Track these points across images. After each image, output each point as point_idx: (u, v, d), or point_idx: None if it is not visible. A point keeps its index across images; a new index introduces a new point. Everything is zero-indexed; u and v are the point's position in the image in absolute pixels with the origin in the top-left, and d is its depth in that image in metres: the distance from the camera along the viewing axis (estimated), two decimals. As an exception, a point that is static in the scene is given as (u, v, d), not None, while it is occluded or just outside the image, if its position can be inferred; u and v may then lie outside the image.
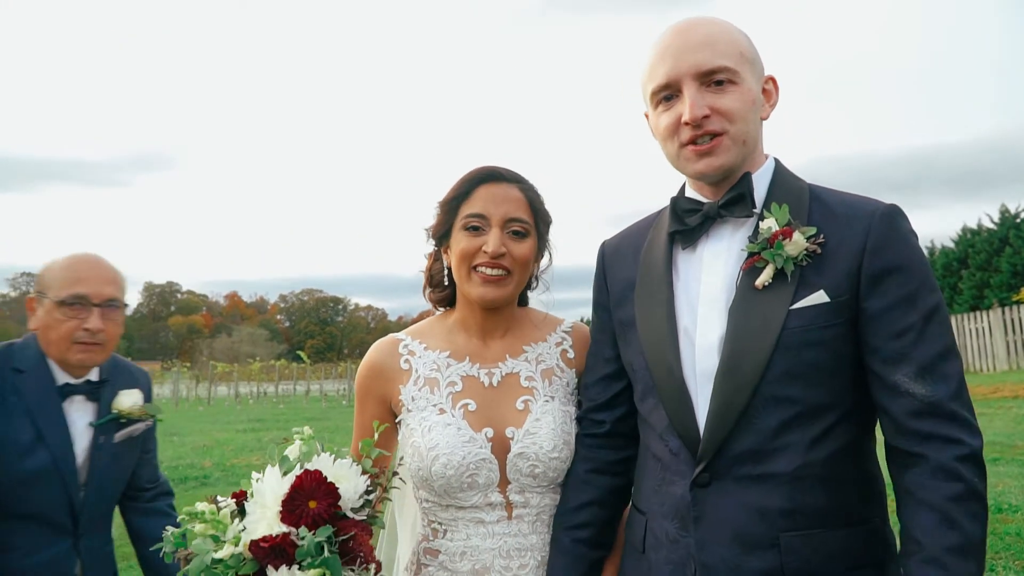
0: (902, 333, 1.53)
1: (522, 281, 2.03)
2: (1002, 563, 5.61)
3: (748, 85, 1.67)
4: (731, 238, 1.70)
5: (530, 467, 1.90)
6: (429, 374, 2.00)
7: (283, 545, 1.53)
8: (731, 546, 1.56)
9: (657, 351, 1.70)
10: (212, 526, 1.63)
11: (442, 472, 1.87)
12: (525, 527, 1.92)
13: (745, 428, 1.57)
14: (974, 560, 1.42)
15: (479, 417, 1.94)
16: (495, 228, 1.95)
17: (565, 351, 2.08)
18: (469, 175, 2.03)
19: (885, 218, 1.58)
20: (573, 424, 1.97)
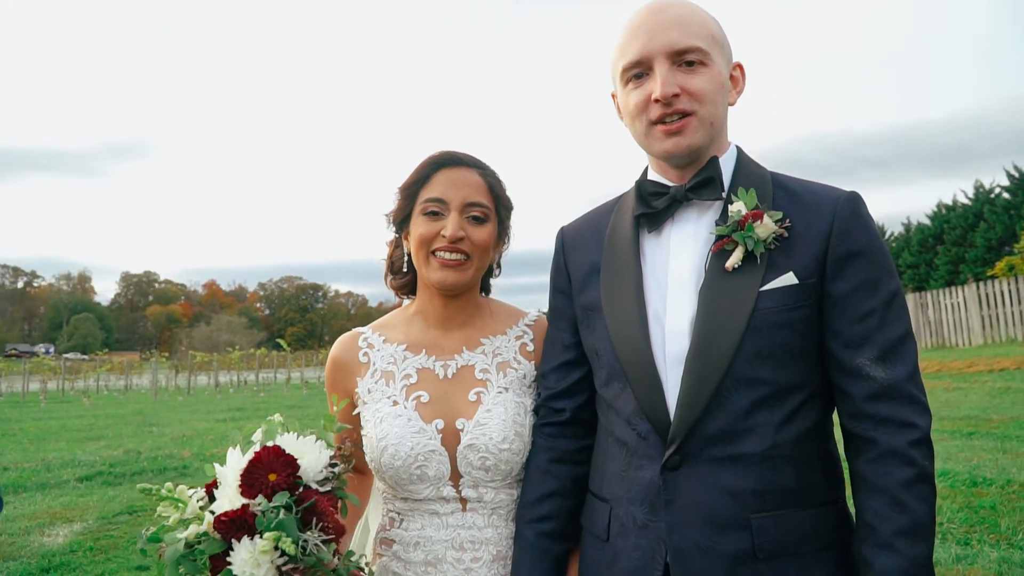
0: (864, 316, 1.56)
1: (482, 266, 2.01)
2: (977, 536, 5.68)
3: (718, 68, 1.68)
4: (697, 222, 1.70)
5: (480, 459, 1.88)
6: (386, 367, 2.00)
7: (243, 517, 1.52)
8: (703, 528, 1.56)
9: (626, 335, 1.69)
10: (171, 503, 1.61)
11: (390, 463, 1.87)
12: (480, 520, 1.90)
13: (716, 409, 1.57)
14: (924, 542, 1.47)
15: (431, 409, 1.93)
16: (454, 212, 1.94)
17: (525, 344, 2.05)
18: (428, 160, 2.01)
19: (849, 204, 1.61)
20: (528, 416, 1.94)
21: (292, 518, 1.53)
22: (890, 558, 1.46)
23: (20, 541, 7.02)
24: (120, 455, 12.30)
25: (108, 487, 9.70)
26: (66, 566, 6.18)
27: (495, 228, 2.01)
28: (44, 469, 11.21)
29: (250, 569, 1.49)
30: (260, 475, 1.57)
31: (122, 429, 16.97)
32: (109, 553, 6.51)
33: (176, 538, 1.55)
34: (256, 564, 1.50)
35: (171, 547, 1.54)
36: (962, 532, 5.77)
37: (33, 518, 7.97)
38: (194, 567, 1.54)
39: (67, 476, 10.48)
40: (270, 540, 1.49)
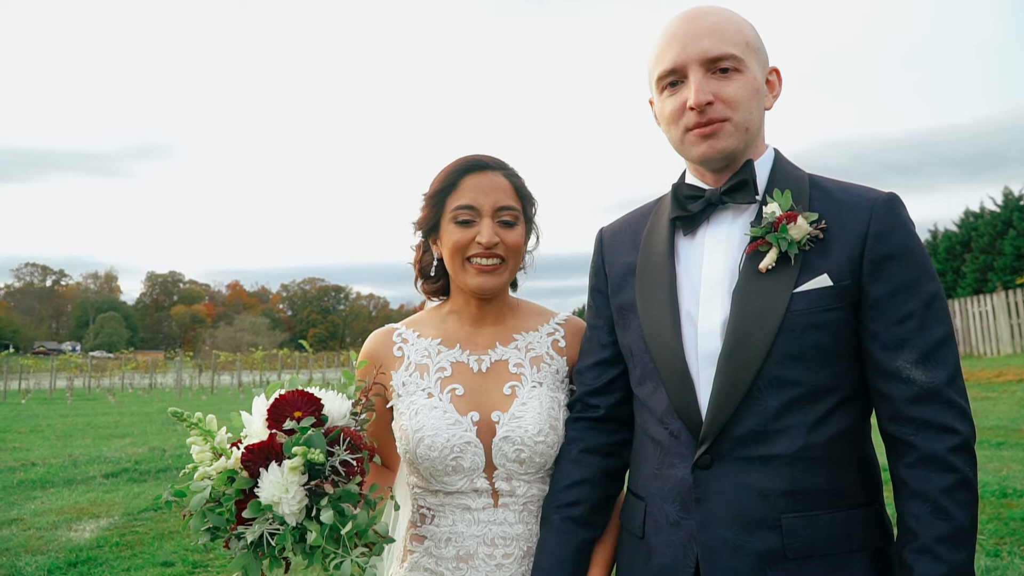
0: (904, 319, 1.55)
1: (516, 267, 2.05)
2: (1007, 548, 5.60)
3: (753, 74, 1.69)
4: (732, 224, 1.71)
5: (515, 451, 1.90)
6: (420, 360, 2.03)
7: (271, 445, 1.56)
8: (733, 527, 1.56)
9: (659, 334, 1.70)
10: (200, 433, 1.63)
11: (426, 454, 1.89)
12: (511, 516, 1.92)
13: (747, 409, 1.57)
14: (965, 548, 1.47)
15: (466, 401, 1.95)
16: (486, 218, 1.96)
17: (556, 340, 2.09)
18: (453, 166, 2.02)
19: (886, 205, 1.60)
20: (561, 410, 1.97)
21: (319, 433, 1.57)
22: (930, 564, 1.46)
23: (47, 536, 7.10)
24: (145, 452, 12.44)
25: (134, 484, 9.80)
26: (92, 561, 6.24)
27: (524, 228, 2.04)
28: (71, 465, 11.35)
29: (279, 493, 1.51)
30: (286, 410, 1.61)
31: (147, 427, 17.15)
32: (135, 549, 6.57)
33: (201, 486, 1.57)
34: (284, 488, 1.52)
35: (197, 496, 1.56)
36: (992, 544, 5.69)
37: (60, 513, 8.07)
38: (219, 518, 1.55)
39: (93, 472, 10.60)
40: (299, 455, 1.52)
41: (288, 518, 1.52)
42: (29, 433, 16.21)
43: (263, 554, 1.56)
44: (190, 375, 41.41)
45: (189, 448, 1.63)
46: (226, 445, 1.62)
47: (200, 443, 1.63)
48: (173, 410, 1.69)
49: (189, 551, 6.37)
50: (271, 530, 1.54)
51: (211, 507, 1.56)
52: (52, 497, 9.00)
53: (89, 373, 39.43)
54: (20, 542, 6.87)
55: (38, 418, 20.24)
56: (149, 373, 42.77)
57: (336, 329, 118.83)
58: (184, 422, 1.63)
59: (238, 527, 1.55)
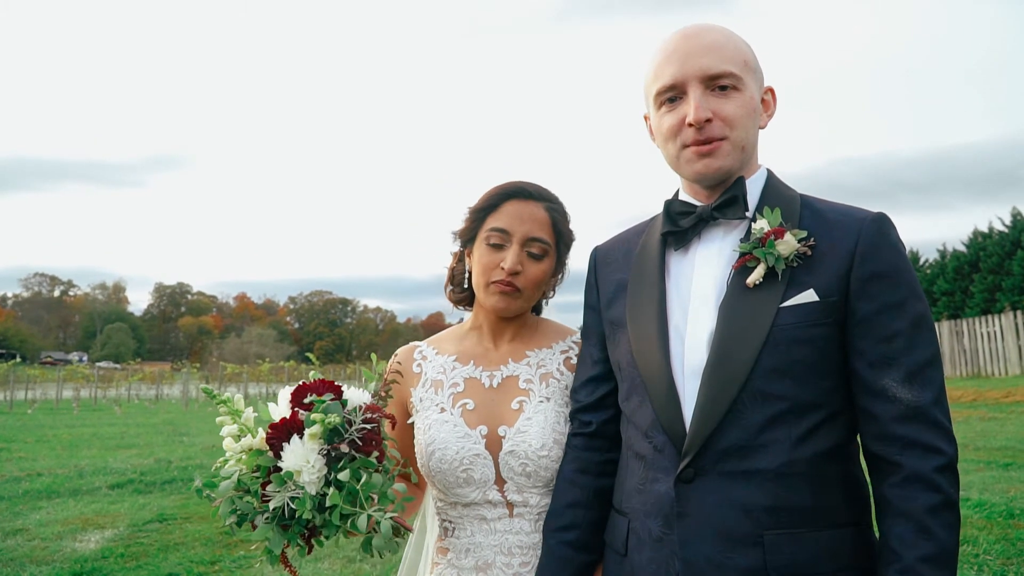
0: (891, 338, 1.56)
1: (532, 298, 2.10)
2: (1014, 569, 5.56)
3: (750, 93, 1.71)
4: (723, 240, 1.73)
5: (521, 465, 1.94)
6: (436, 376, 2.11)
7: (293, 421, 1.67)
8: (715, 543, 1.56)
9: (646, 347, 1.71)
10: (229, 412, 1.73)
11: (438, 466, 1.96)
12: (527, 525, 1.96)
13: (731, 423, 1.57)
14: (948, 569, 1.47)
15: (476, 416, 2.01)
16: (515, 245, 2.02)
17: (569, 358, 2.12)
18: (499, 188, 2.09)
19: (875, 224, 1.61)
20: (568, 425, 1.99)
21: (336, 404, 1.69)
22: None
23: (52, 546, 7.11)
24: (151, 464, 12.45)
25: (139, 495, 9.81)
26: (97, 572, 6.24)
27: (552, 265, 2.10)
28: (77, 475, 11.36)
29: (300, 462, 1.61)
30: (306, 394, 1.73)
31: (153, 438, 17.17)
32: (140, 560, 6.58)
33: (229, 472, 1.67)
34: (305, 458, 1.61)
35: (225, 482, 1.65)
36: (999, 564, 5.65)
37: (65, 524, 8.07)
38: (247, 504, 1.64)
39: (99, 483, 10.61)
40: (319, 421, 1.63)
41: (308, 486, 1.60)
42: (35, 443, 16.24)
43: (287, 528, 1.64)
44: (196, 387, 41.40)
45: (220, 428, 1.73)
46: (251, 423, 1.73)
47: (229, 421, 1.73)
48: (204, 387, 1.90)
49: (194, 563, 6.38)
50: (292, 494, 1.61)
51: (239, 495, 1.65)
52: (57, 508, 9.01)
53: (96, 384, 39.47)
54: (25, 552, 6.89)
55: (44, 428, 20.28)
56: (156, 384, 42.80)
57: (343, 342, 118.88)
58: (214, 399, 1.73)
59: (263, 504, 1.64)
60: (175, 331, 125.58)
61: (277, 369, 43.89)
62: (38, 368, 52.52)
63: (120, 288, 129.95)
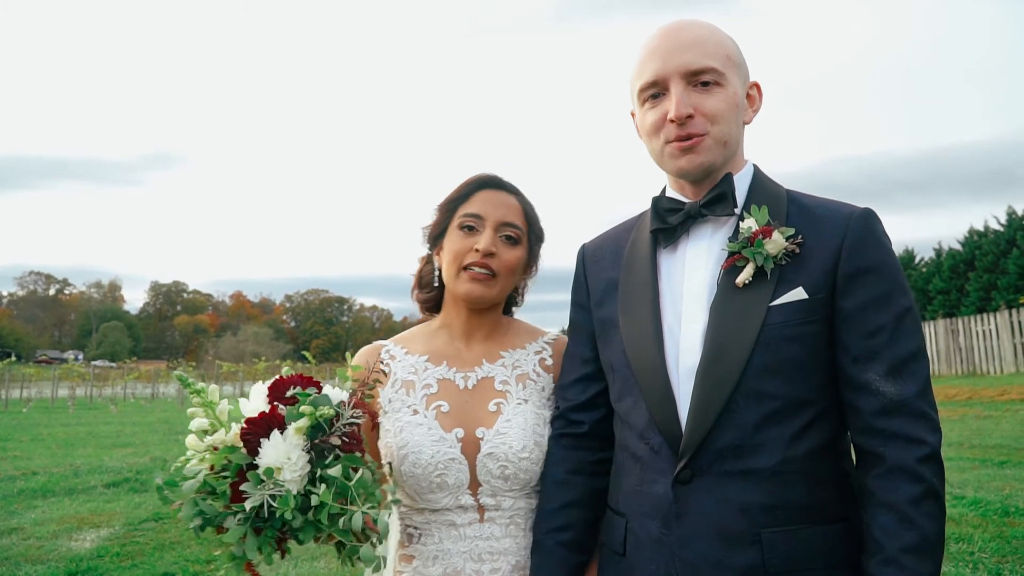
0: (875, 332, 1.56)
1: (507, 287, 2.06)
2: (1008, 567, 5.57)
3: (733, 88, 1.71)
4: (712, 238, 1.73)
5: (500, 467, 1.90)
6: (406, 377, 2.04)
7: (273, 415, 1.59)
8: (713, 542, 1.57)
9: (640, 348, 1.72)
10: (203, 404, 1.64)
11: (411, 471, 1.89)
12: (498, 530, 1.91)
13: (726, 423, 1.58)
14: (931, 559, 1.47)
15: (451, 418, 1.96)
16: (489, 229, 2.00)
17: (543, 359, 2.10)
18: (470, 179, 2.09)
19: (861, 220, 1.62)
20: (546, 427, 1.97)
21: (325, 395, 1.62)
22: (896, 574, 1.45)
23: (48, 545, 7.09)
24: (147, 462, 12.41)
25: (135, 494, 9.78)
26: (93, 571, 6.23)
27: (525, 253, 2.07)
28: (72, 474, 11.33)
29: (282, 458, 1.53)
30: (285, 388, 1.65)
31: (149, 437, 17.14)
32: (135, 559, 6.56)
33: (194, 471, 1.58)
34: (286, 454, 1.53)
35: (189, 482, 1.56)
36: (994, 562, 5.66)
37: (61, 522, 8.05)
38: (212, 508, 1.54)
39: (94, 482, 10.58)
40: (307, 415, 1.56)
41: (290, 484, 1.52)
42: (30, 442, 16.19)
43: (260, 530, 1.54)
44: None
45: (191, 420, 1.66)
46: (225, 417, 1.64)
47: (200, 414, 1.65)
48: (178, 373, 1.78)
49: (190, 562, 6.37)
50: (273, 492, 1.51)
51: (202, 496, 1.56)
52: (53, 506, 8.99)
53: (91, 382, 39.35)
54: (20, 551, 6.87)
55: (39, 427, 20.23)
56: (151, 383, 42.74)
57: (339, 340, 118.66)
58: (188, 387, 1.66)
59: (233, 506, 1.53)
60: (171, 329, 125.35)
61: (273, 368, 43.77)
62: (33, 367, 52.36)
63: (116, 286, 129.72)
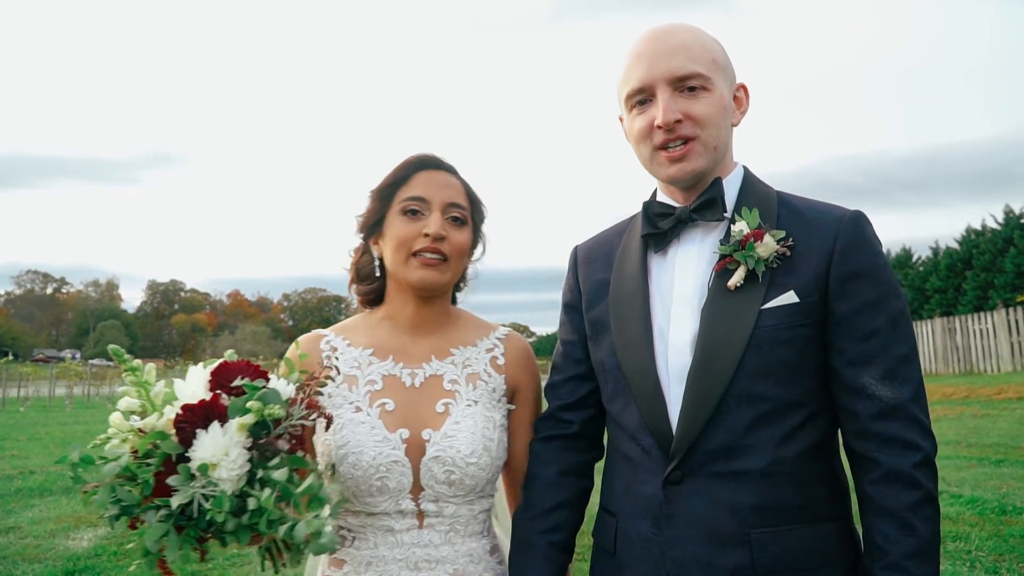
0: (869, 336, 1.57)
1: (458, 270, 1.98)
2: (1006, 565, 5.58)
3: (720, 92, 1.71)
4: (702, 241, 1.73)
5: (446, 472, 1.81)
6: (349, 371, 1.91)
7: (214, 404, 1.43)
8: (703, 543, 1.58)
9: (631, 350, 1.72)
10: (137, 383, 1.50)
11: (350, 472, 1.78)
12: (437, 537, 1.83)
13: (717, 424, 1.59)
14: (931, 563, 1.50)
15: (396, 418, 1.85)
16: (436, 212, 1.90)
17: (495, 357, 2.00)
18: (406, 161, 1.97)
19: (852, 223, 1.62)
20: (496, 430, 1.91)
21: (275, 391, 1.47)
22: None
23: (45, 544, 7.08)
24: (144, 461, 12.39)
25: (132, 493, 9.77)
26: (90, 570, 6.22)
27: (472, 234, 1.99)
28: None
29: (219, 454, 1.38)
30: (230, 376, 1.51)
31: (146, 436, 17.09)
32: (132, 558, 6.55)
33: (117, 452, 1.41)
34: (224, 450, 1.39)
35: (110, 464, 1.39)
36: (991, 560, 5.67)
37: (58, 521, 8.04)
38: (131, 496, 1.39)
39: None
40: (255, 411, 1.41)
41: (224, 483, 1.38)
42: (28, 441, 16.17)
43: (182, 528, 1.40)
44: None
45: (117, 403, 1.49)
46: (160, 400, 1.48)
47: (132, 395, 1.50)
48: (114, 347, 1.57)
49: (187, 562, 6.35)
50: (206, 492, 1.37)
51: (120, 482, 1.39)
52: (50, 505, 8.97)
53: (88, 381, 39.41)
54: (17, 550, 6.86)
55: (37, 426, 20.20)
56: (149, 382, 42.61)
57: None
58: (123, 363, 1.51)
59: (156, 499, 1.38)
60: (168, 328, 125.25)
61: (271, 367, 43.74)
62: (30, 366, 52.29)
63: (113, 285, 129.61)
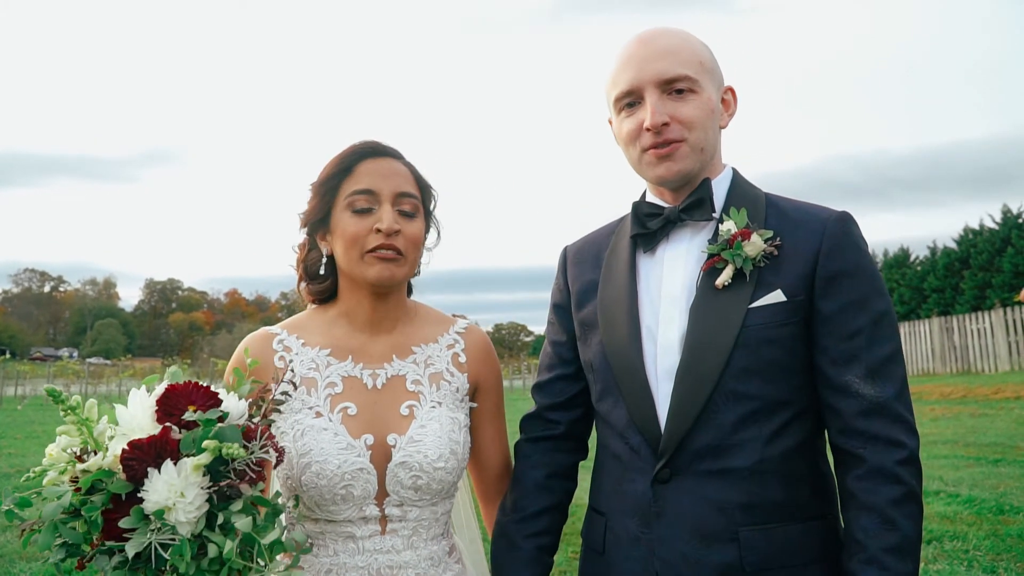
0: (853, 335, 1.59)
1: (415, 262, 1.89)
2: (1003, 565, 5.59)
3: (708, 94, 1.72)
4: (691, 241, 1.75)
5: (412, 477, 1.76)
6: (306, 373, 1.82)
7: (164, 440, 1.31)
8: (691, 541, 1.59)
9: (619, 349, 1.73)
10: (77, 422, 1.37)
11: (314, 482, 1.70)
12: (399, 543, 1.77)
13: (705, 423, 1.60)
14: (911, 559, 1.50)
15: (359, 422, 1.77)
16: (386, 204, 1.79)
17: (457, 354, 1.94)
18: (348, 150, 1.85)
19: (838, 224, 1.64)
20: (462, 432, 1.86)
21: (233, 427, 1.34)
22: (878, 574, 1.48)
23: (42, 542, 7.07)
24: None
25: (129, 491, 9.76)
26: (87, 568, 6.21)
27: (424, 222, 1.89)
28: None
29: (174, 497, 1.27)
30: (179, 403, 1.38)
31: (143, 434, 17.08)
32: (130, 557, 6.55)
33: (58, 491, 1.29)
34: (180, 491, 1.27)
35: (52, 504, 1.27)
36: (988, 560, 5.68)
37: (55, 520, 8.03)
38: (76, 534, 1.28)
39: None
40: (210, 450, 1.29)
41: (181, 527, 1.27)
42: (25, 439, 16.15)
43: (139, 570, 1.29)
44: (187, 383, 41.19)
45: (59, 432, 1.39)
46: (105, 439, 1.37)
47: (73, 433, 1.38)
48: (48, 387, 1.44)
49: (184, 559, 6.35)
50: (163, 541, 1.26)
51: (64, 519, 1.28)
52: (47, 504, 8.96)
53: (86, 379, 39.33)
54: (15, 549, 6.84)
55: (34, 424, 20.17)
56: (146, 380, 42.56)
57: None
58: (60, 403, 1.37)
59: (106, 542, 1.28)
60: (166, 327, 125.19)
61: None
62: (28, 364, 52.31)
63: (111, 284, 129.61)
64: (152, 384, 1.45)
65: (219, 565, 1.29)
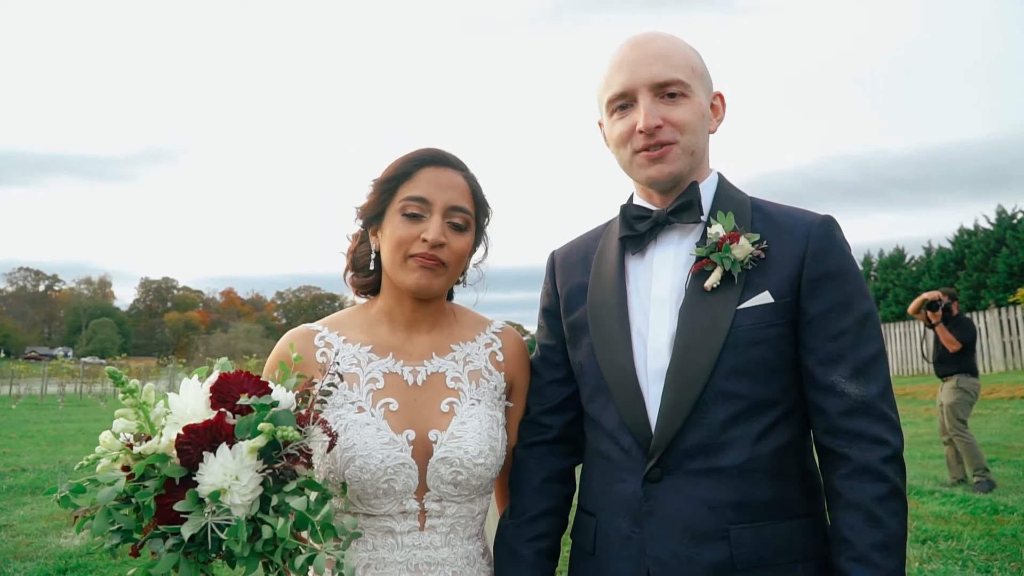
0: (839, 335, 1.62)
1: (456, 274, 1.92)
2: (998, 564, 5.61)
3: (699, 99, 1.76)
4: (679, 244, 1.77)
5: (453, 473, 1.78)
6: (348, 369, 1.84)
7: (219, 424, 1.35)
8: (682, 540, 1.60)
9: (610, 351, 1.75)
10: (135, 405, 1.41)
11: (357, 476, 1.72)
12: (437, 539, 1.79)
13: (695, 423, 1.63)
14: (897, 555, 1.53)
15: (400, 418, 1.80)
16: (436, 215, 1.82)
17: (494, 353, 1.97)
18: (412, 155, 1.88)
19: (822, 228, 1.67)
20: (500, 429, 1.88)
21: (287, 411, 1.38)
22: (866, 570, 1.50)
23: (37, 542, 7.07)
24: (136, 459, 12.36)
25: (124, 491, 9.75)
26: (82, 568, 6.22)
27: (473, 237, 1.92)
28: (61, 471, 11.26)
29: (229, 480, 1.30)
30: (232, 391, 1.43)
31: (139, 434, 17.05)
32: (125, 556, 6.53)
33: (112, 477, 1.32)
34: (235, 474, 1.31)
35: (106, 489, 1.30)
36: (983, 559, 5.70)
37: (50, 519, 8.04)
38: (129, 520, 1.31)
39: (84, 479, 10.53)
40: (265, 433, 1.33)
41: (236, 509, 1.30)
42: (19, 439, 16.13)
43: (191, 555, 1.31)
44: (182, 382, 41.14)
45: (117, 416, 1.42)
46: (162, 422, 1.40)
47: (130, 416, 1.42)
48: (110, 369, 1.48)
49: None
50: (219, 522, 1.29)
51: (116, 505, 1.31)
52: (42, 503, 8.96)
53: (81, 379, 39.23)
54: (9, 548, 6.85)
55: (28, 423, 20.14)
56: (142, 380, 42.24)
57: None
58: (120, 386, 1.41)
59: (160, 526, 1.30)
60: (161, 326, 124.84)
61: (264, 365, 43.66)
62: (22, 363, 52.19)
63: (106, 283, 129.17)
64: (203, 373, 1.49)
65: (272, 546, 1.31)
